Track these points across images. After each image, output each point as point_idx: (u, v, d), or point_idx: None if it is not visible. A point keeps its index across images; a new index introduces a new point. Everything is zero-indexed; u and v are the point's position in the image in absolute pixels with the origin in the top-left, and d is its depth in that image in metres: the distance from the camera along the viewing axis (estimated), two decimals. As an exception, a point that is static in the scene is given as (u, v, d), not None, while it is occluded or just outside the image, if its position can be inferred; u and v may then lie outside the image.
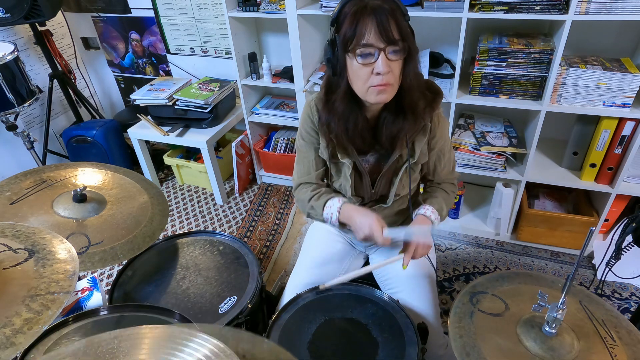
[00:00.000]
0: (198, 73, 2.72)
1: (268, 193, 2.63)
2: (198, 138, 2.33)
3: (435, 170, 1.23)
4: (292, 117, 2.36)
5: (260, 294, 1.30)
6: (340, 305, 1.13)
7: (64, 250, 0.85)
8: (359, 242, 1.35)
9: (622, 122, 1.66)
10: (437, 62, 1.99)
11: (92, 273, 1.73)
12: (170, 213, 2.52)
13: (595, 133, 1.75)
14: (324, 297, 1.16)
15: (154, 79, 2.64)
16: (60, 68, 2.59)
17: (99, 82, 3.09)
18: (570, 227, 1.94)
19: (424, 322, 1.13)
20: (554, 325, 0.81)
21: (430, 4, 1.69)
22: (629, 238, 1.15)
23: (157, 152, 2.82)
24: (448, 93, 1.86)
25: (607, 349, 0.82)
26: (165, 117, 2.43)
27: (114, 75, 3.03)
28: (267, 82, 2.29)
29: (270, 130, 2.65)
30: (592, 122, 1.76)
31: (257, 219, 2.42)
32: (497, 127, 2.03)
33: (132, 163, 2.77)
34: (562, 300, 0.79)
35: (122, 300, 1.22)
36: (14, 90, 2.08)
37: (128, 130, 2.47)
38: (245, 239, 2.27)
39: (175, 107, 2.36)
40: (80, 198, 1.16)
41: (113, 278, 1.28)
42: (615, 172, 1.79)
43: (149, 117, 2.50)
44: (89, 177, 1.30)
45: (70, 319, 1.02)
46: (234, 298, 1.20)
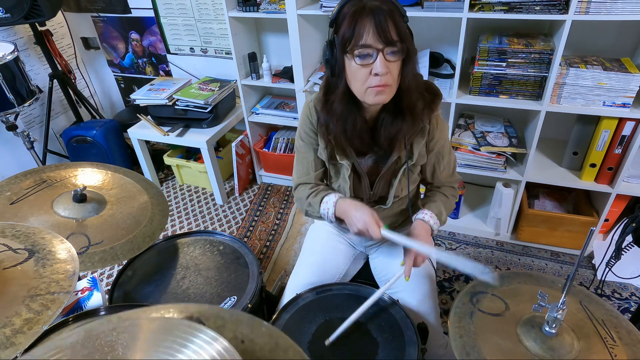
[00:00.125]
0: (198, 73, 2.72)
1: (268, 193, 2.63)
2: (198, 138, 2.33)
3: (435, 173, 1.23)
4: (292, 117, 2.36)
5: (260, 294, 1.30)
6: (340, 305, 1.13)
7: (64, 250, 0.85)
8: (356, 239, 1.35)
9: (622, 122, 1.66)
10: (437, 62, 1.99)
11: (92, 273, 1.73)
12: (170, 213, 2.52)
13: (595, 133, 1.75)
14: (324, 297, 1.16)
15: (154, 79, 2.64)
16: (60, 68, 2.59)
17: (99, 82, 3.09)
18: (570, 227, 1.94)
19: (424, 322, 1.13)
20: (554, 325, 0.81)
21: (430, 4, 1.69)
22: (629, 238, 1.15)
23: (157, 152, 2.82)
24: (448, 93, 1.86)
25: (607, 349, 0.82)
26: (165, 117, 2.43)
27: (114, 75, 3.03)
28: (267, 82, 2.29)
29: (270, 130, 2.65)
30: (592, 122, 1.76)
31: (257, 219, 2.42)
32: (497, 127, 2.03)
33: (132, 163, 2.77)
34: (562, 300, 0.79)
35: (122, 300, 1.22)
36: (14, 90, 2.08)
37: (128, 130, 2.47)
38: (245, 239, 2.27)
39: (175, 107, 2.36)
40: (80, 198, 1.16)
41: (113, 278, 1.28)
42: (615, 172, 1.79)
43: (149, 117, 2.50)
44: (89, 177, 1.30)
45: (70, 319, 1.02)
46: (234, 298, 1.20)
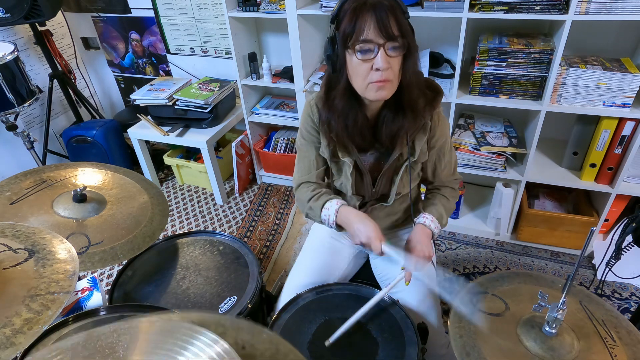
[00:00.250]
0: (198, 73, 2.72)
1: (268, 193, 2.63)
2: (198, 138, 2.33)
3: (436, 171, 1.23)
4: (292, 117, 2.36)
5: (260, 294, 1.30)
6: (340, 305, 1.13)
7: (64, 250, 0.85)
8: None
9: (622, 122, 1.66)
10: (437, 62, 1.99)
11: (92, 273, 1.73)
12: (170, 213, 2.52)
13: (595, 133, 1.75)
14: (324, 297, 1.16)
15: (154, 79, 2.64)
16: (60, 68, 2.59)
17: (99, 82, 3.09)
18: (570, 227, 1.94)
19: (424, 322, 1.13)
20: (554, 326, 0.81)
21: (430, 4, 1.69)
22: (629, 238, 1.15)
23: (157, 152, 2.82)
24: (448, 93, 1.86)
25: (607, 349, 0.82)
26: (165, 117, 2.43)
27: (114, 75, 3.03)
28: (267, 82, 2.29)
29: (270, 130, 2.65)
30: (592, 122, 1.76)
31: (257, 219, 2.42)
32: (497, 127, 2.03)
33: (132, 163, 2.77)
34: (562, 301, 0.79)
35: (122, 300, 1.22)
36: (14, 90, 2.08)
37: (128, 130, 2.47)
38: (245, 239, 2.27)
39: (175, 107, 2.36)
40: (80, 198, 1.16)
41: (113, 278, 1.28)
42: (615, 172, 1.79)
43: (149, 117, 2.50)
44: (89, 177, 1.30)
45: (70, 319, 1.02)
46: (234, 298, 1.20)
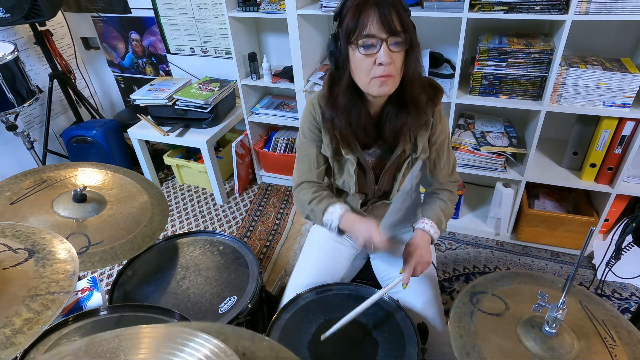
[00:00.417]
0: (198, 73, 2.72)
1: (268, 193, 2.63)
2: (198, 138, 2.33)
3: (435, 171, 1.23)
4: (292, 117, 2.36)
5: (260, 294, 1.30)
6: (340, 305, 1.13)
7: (64, 250, 0.85)
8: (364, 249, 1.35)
9: (622, 122, 1.66)
10: (437, 62, 1.99)
11: (92, 273, 1.73)
12: (170, 213, 2.52)
13: (595, 133, 1.75)
14: (324, 297, 1.16)
15: (154, 79, 2.64)
16: (60, 68, 2.59)
17: (99, 82, 3.09)
18: (570, 227, 1.94)
19: (425, 322, 1.13)
20: (554, 325, 0.81)
21: (430, 4, 1.69)
22: (629, 238, 1.15)
23: (157, 152, 2.82)
24: (448, 93, 1.86)
25: (607, 349, 0.82)
26: (165, 117, 2.43)
27: (114, 75, 3.03)
28: (267, 82, 2.29)
29: (270, 130, 2.65)
30: (592, 122, 1.76)
31: (257, 219, 2.42)
32: (497, 127, 2.03)
33: (132, 163, 2.77)
34: (562, 300, 0.79)
35: (122, 300, 1.22)
36: (14, 90, 2.08)
37: (128, 130, 2.47)
38: (245, 239, 2.27)
39: (175, 107, 2.36)
40: (80, 198, 1.16)
41: (113, 278, 1.28)
42: (615, 172, 1.79)
43: (149, 117, 2.50)
44: (89, 177, 1.30)
45: (70, 319, 1.02)
46: (234, 298, 1.20)
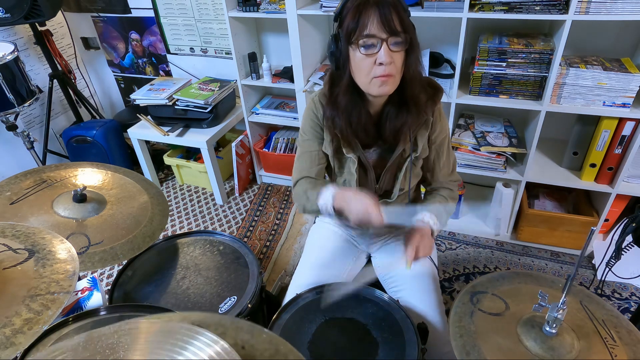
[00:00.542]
0: (198, 73, 2.72)
1: (268, 193, 2.63)
2: (198, 138, 2.33)
3: (434, 170, 1.23)
4: (292, 117, 2.36)
5: (260, 294, 1.30)
6: (340, 305, 1.13)
7: (64, 250, 0.85)
8: (360, 237, 1.35)
9: (622, 122, 1.66)
10: (437, 62, 1.99)
11: (92, 273, 1.73)
12: (170, 213, 2.52)
13: (595, 133, 1.75)
14: (324, 297, 1.16)
15: (154, 79, 2.64)
16: (60, 68, 2.59)
17: (99, 82, 3.09)
18: (570, 227, 1.94)
19: (424, 322, 1.13)
20: (555, 325, 0.81)
21: (430, 4, 1.69)
22: (629, 238, 1.15)
23: (157, 152, 2.82)
24: (448, 93, 1.86)
25: (607, 349, 0.82)
26: (165, 117, 2.43)
27: (114, 75, 3.03)
28: (267, 82, 2.29)
29: (270, 130, 2.65)
30: (592, 122, 1.76)
31: (257, 219, 2.42)
32: (497, 127, 2.03)
33: (132, 163, 2.77)
34: (562, 300, 0.79)
35: (122, 300, 1.22)
36: (14, 90, 2.08)
37: (128, 130, 2.47)
38: (245, 239, 2.27)
39: (175, 107, 2.36)
40: (80, 198, 1.16)
41: (113, 278, 1.28)
42: (615, 172, 1.79)
43: (149, 117, 2.50)
44: (89, 177, 1.30)
45: (70, 319, 1.02)
46: (234, 298, 1.20)
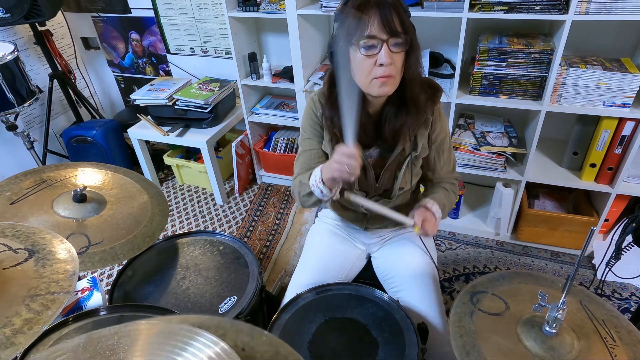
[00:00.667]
0: (198, 73, 2.72)
1: (268, 193, 2.63)
2: (198, 138, 2.33)
3: (435, 168, 1.23)
4: (292, 117, 2.36)
5: (260, 294, 1.30)
6: (340, 305, 1.13)
7: (64, 250, 0.85)
8: (359, 236, 1.36)
9: (622, 122, 1.66)
10: (437, 62, 1.99)
11: (92, 273, 1.73)
12: (170, 213, 2.52)
13: (595, 133, 1.75)
14: (324, 297, 1.16)
15: (154, 79, 2.64)
16: (60, 68, 2.59)
17: (99, 82, 3.09)
18: (570, 227, 1.94)
19: (425, 322, 1.13)
20: (555, 325, 0.81)
21: (430, 4, 1.69)
22: (629, 238, 1.14)
23: (157, 152, 2.82)
24: (448, 93, 1.86)
25: (607, 349, 0.82)
26: (165, 117, 2.43)
27: (114, 75, 3.03)
28: (267, 82, 2.29)
29: (270, 130, 2.65)
30: (592, 122, 1.76)
31: (257, 219, 2.42)
32: (497, 127, 2.03)
33: (132, 163, 2.77)
34: (562, 300, 0.79)
35: (122, 300, 1.22)
36: (14, 90, 2.08)
37: (128, 130, 2.47)
38: (245, 239, 2.27)
39: (175, 107, 2.36)
40: (80, 198, 1.16)
41: (113, 278, 1.28)
42: (615, 172, 1.79)
43: (149, 117, 2.50)
44: (89, 177, 1.30)
45: (70, 319, 1.02)
46: (234, 298, 1.20)
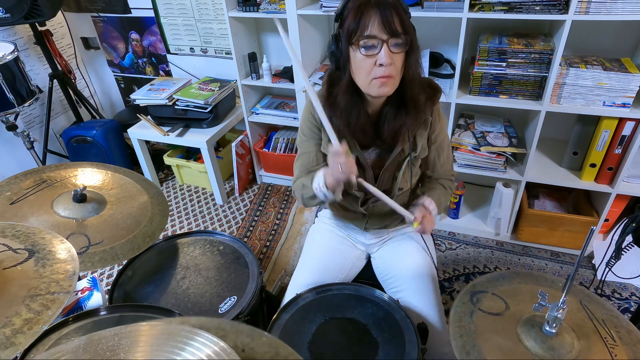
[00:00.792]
0: (198, 73, 2.72)
1: (268, 193, 2.63)
2: (198, 138, 2.33)
3: (435, 167, 1.24)
4: (292, 117, 2.36)
5: (260, 294, 1.30)
6: (340, 305, 1.13)
7: (64, 250, 0.85)
8: (359, 237, 1.36)
9: (622, 122, 1.66)
10: (437, 62, 1.99)
11: (92, 273, 1.73)
12: (170, 213, 2.52)
13: (595, 133, 1.75)
14: (324, 297, 1.16)
15: (154, 79, 2.64)
16: (60, 68, 2.59)
17: (99, 82, 3.09)
18: (570, 227, 1.94)
19: (424, 321, 1.13)
20: (555, 325, 0.81)
21: (430, 4, 1.69)
22: (629, 238, 1.14)
23: (157, 152, 2.82)
24: (448, 93, 1.86)
25: (607, 349, 0.82)
26: (165, 117, 2.43)
27: (114, 75, 3.03)
28: (267, 82, 2.29)
29: (270, 130, 2.65)
30: (592, 122, 1.76)
31: (257, 219, 2.42)
32: (497, 127, 2.03)
33: (132, 163, 2.76)
34: (562, 300, 0.79)
35: (122, 300, 1.22)
36: (14, 90, 2.08)
37: (128, 130, 2.47)
38: (245, 239, 2.27)
39: (175, 107, 2.36)
40: (80, 198, 1.16)
41: (113, 278, 1.28)
42: (615, 172, 1.79)
43: (149, 117, 2.50)
44: (89, 177, 1.30)
45: (70, 319, 1.02)
46: (234, 298, 1.20)
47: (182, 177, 2.75)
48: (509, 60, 1.71)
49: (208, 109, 2.32)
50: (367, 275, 1.36)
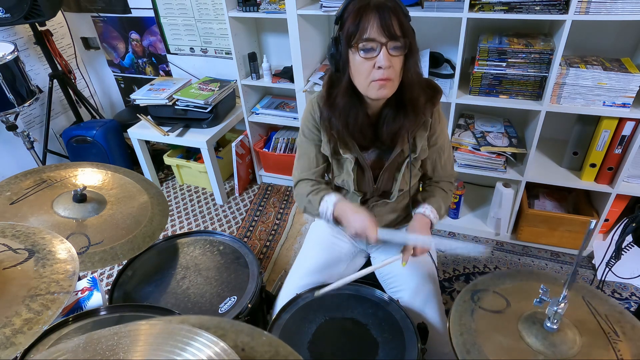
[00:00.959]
0: (198, 73, 2.72)
1: (268, 193, 2.62)
2: (198, 138, 2.33)
3: (435, 168, 1.24)
4: (292, 117, 2.36)
5: (260, 294, 1.30)
6: (340, 305, 1.13)
7: (64, 250, 0.85)
8: (355, 239, 1.35)
9: (622, 122, 1.66)
10: (437, 62, 1.99)
11: (92, 273, 1.73)
12: (170, 213, 2.52)
13: (595, 133, 1.75)
14: (324, 297, 1.16)
15: (154, 79, 2.64)
16: (60, 68, 2.59)
17: (99, 82, 3.09)
18: (570, 227, 1.94)
19: (425, 322, 1.13)
20: (555, 320, 0.81)
21: (430, 4, 1.69)
22: (629, 238, 1.15)
23: (157, 152, 2.82)
24: (448, 93, 1.86)
25: (610, 344, 0.82)
26: (165, 117, 2.42)
27: (114, 75, 3.03)
28: (267, 82, 2.29)
29: (270, 130, 2.65)
30: (592, 122, 1.76)
31: (257, 219, 2.42)
32: (497, 127, 2.03)
33: (132, 163, 2.76)
34: (563, 294, 0.79)
35: (122, 300, 1.22)
36: (14, 90, 2.08)
37: (128, 130, 2.47)
38: (245, 239, 2.27)
39: (175, 107, 2.36)
40: (80, 198, 1.16)
41: (113, 278, 1.28)
42: (615, 172, 1.79)
43: (149, 117, 2.50)
44: (89, 177, 1.30)
45: (70, 319, 1.02)
46: (234, 298, 1.20)
47: (182, 177, 2.75)
48: (509, 60, 1.71)
49: (208, 109, 2.32)
50: (367, 276, 1.36)
